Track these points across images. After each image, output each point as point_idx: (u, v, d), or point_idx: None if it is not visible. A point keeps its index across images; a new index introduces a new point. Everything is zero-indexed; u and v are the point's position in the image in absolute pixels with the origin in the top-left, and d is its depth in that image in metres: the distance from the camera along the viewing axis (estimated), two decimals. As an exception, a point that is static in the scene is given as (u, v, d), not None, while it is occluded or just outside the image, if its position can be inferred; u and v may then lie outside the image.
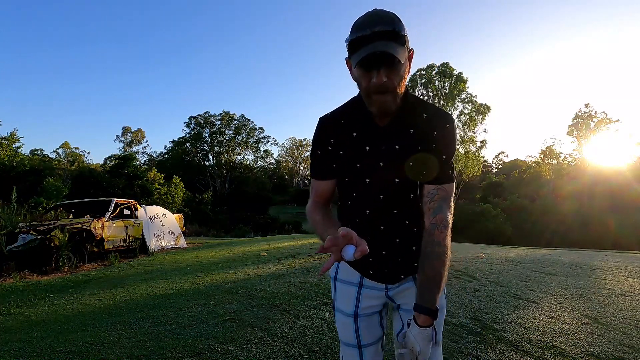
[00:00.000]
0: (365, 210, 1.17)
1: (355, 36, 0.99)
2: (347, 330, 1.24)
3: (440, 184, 1.12)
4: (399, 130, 1.11)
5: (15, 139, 24.87)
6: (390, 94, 1.02)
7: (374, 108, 1.05)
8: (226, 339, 3.00)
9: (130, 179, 26.68)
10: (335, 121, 1.16)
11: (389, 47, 0.95)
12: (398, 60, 0.97)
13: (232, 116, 50.03)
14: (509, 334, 3.05)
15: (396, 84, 1.01)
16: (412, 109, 1.12)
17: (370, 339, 1.24)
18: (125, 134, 53.97)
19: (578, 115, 35.79)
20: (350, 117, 1.15)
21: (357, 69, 1.02)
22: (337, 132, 1.15)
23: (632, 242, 20.74)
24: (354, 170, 1.15)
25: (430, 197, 1.12)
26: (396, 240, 1.18)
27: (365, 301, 1.23)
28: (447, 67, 30.29)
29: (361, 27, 0.99)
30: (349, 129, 1.14)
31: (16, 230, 6.99)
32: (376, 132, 1.12)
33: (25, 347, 2.99)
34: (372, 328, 1.24)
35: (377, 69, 0.98)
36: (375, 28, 0.97)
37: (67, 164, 38.39)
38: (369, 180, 1.15)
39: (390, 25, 0.98)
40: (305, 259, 7.29)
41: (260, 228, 31.24)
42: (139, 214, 9.88)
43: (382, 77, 0.99)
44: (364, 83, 1.02)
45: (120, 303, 4.34)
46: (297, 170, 67.73)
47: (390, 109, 1.05)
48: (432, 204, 1.11)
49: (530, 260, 7.29)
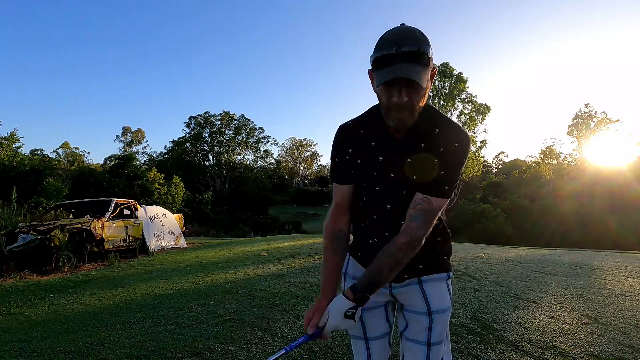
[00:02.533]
0: (373, 216, 1.22)
1: (380, 54, 1.01)
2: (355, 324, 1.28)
3: (429, 196, 1.11)
4: (412, 143, 1.13)
5: (15, 139, 24.86)
6: (408, 112, 1.04)
7: (391, 122, 1.07)
8: (226, 339, 3.00)
9: (130, 179, 26.66)
10: (355, 130, 1.19)
11: (412, 72, 0.97)
12: (419, 84, 0.99)
13: (232, 116, 50.01)
14: (509, 334, 3.05)
15: (415, 103, 1.03)
16: (427, 123, 1.12)
17: (376, 333, 1.29)
18: (125, 134, 54.01)
19: (578, 115, 35.76)
20: (369, 127, 1.17)
21: (378, 83, 1.04)
22: (356, 142, 1.18)
23: (632, 242, 20.74)
24: (370, 178, 1.19)
25: (414, 204, 1.12)
26: None
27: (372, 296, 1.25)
28: (447, 67, 30.27)
29: (387, 44, 1.00)
30: (367, 138, 1.17)
31: (16, 230, 6.98)
32: (392, 144, 1.15)
33: (25, 347, 2.99)
34: (377, 321, 1.29)
35: (399, 88, 1.00)
36: (402, 48, 0.98)
37: (67, 164, 38.40)
38: (378, 189, 1.18)
39: (416, 45, 0.99)
40: (305, 259, 7.29)
41: (260, 228, 31.22)
42: (139, 214, 9.88)
43: (403, 97, 1.01)
44: (385, 99, 1.05)
45: (120, 303, 4.34)
46: (297, 170, 67.77)
47: (406, 125, 1.07)
48: (412, 211, 1.12)
49: (530, 260, 7.29)
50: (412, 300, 1.24)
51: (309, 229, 30.85)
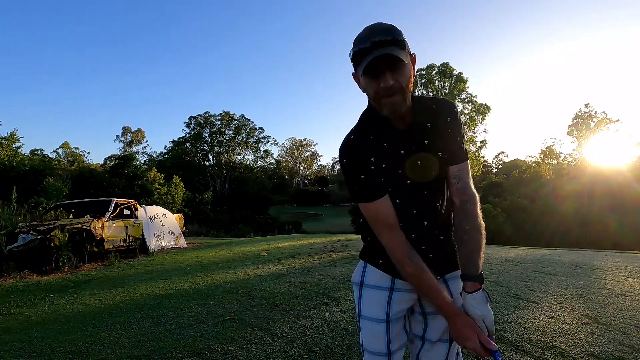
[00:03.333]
0: (412, 211, 1.19)
1: (358, 48, 1.04)
2: (377, 338, 1.22)
3: (461, 163, 1.19)
4: (419, 127, 1.16)
5: (15, 139, 24.83)
6: (399, 94, 1.05)
7: (385, 111, 1.08)
8: (226, 339, 3.00)
9: (130, 179, 26.66)
10: (366, 139, 1.16)
11: (390, 50, 1.00)
12: (401, 61, 1.01)
13: (232, 116, 50.02)
14: (509, 334, 3.05)
15: (404, 85, 1.05)
16: (422, 105, 1.17)
17: (399, 345, 1.24)
18: (125, 134, 54.01)
19: (578, 115, 35.75)
20: (373, 131, 1.17)
21: (364, 78, 1.06)
22: (374, 149, 1.16)
23: (632, 242, 20.71)
24: (396, 177, 1.16)
25: (458, 177, 1.18)
26: (438, 234, 1.21)
27: (397, 305, 1.22)
28: (447, 67, 30.30)
29: (361, 40, 1.04)
30: (379, 141, 1.16)
31: (16, 230, 6.98)
32: (402, 137, 1.16)
33: (25, 347, 2.99)
34: (401, 333, 1.24)
35: (383, 73, 1.02)
36: (375, 38, 1.01)
37: (67, 164, 38.33)
38: (409, 182, 1.17)
39: (389, 35, 1.02)
40: (305, 259, 7.28)
41: (260, 228, 31.24)
42: (139, 214, 9.88)
43: (389, 80, 1.02)
44: (373, 90, 1.06)
45: (120, 303, 4.34)
46: (297, 170, 67.76)
47: (401, 109, 1.08)
48: (459, 184, 1.17)
49: (530, 260, 7.29)
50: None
51: (309, 229, 30.86)
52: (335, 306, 3.88)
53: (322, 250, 8.37)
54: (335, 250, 8.40)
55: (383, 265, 1.23)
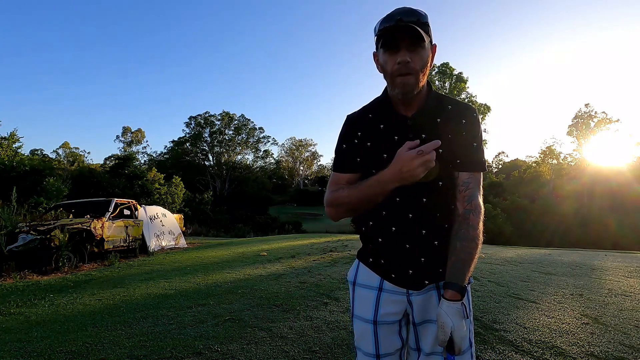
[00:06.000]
0: (395, 199, 1.14)
1: (383, 27, 1.07)
2: (365, 338, 1.20)
3: (473, 172, 1.15)
4: (426, 120, 1.15)
5: (15, 139, 24.81)
6: (413, 76, 1.07)
7: (397, 90, 1.09)
8: (226, 339, 3.00)
9: (130, 179, 26.65)
10: (363, 116, 1.21)
11: (414, 27, 1.03)
12: (421, 39, 1.04)
13: (232, 116, 50.00)
14: (509, 334, 3.05)
15: (419, 68, 1.06)
16: (438, 101, 1.17)
17: (389, 349, 1.19)
18: (125, 134, 53.97)
19: (578, 115, 35.73)
20: (376, 111, 1.20)
21: (383, 54, 1.09)
22: (365, 126, 1.19)
23: (632, 242, 20.71)
24: (381, 161, 1.13)
25: (465, 185, 1.14)
26: (422, 232, 1.14)
27: (385, 307, 1.18)
28: (447, 67, 30.30)
29: (387, 20, 1.07)
30: (376, 122, 1.18)
31: (16, 230, 6.98)
32: (404, 123, 1.15)
33: (25, 347, 2.99)
34: (391, 337, 1.19)
35: (401, 48, 1.05)
36: (399, 17, 1.05)
37: (67, 164, 38.32)
38: None
39: (414, 16, 1.06)
40: (305, 259, 7.29)
41: (260, 228, 31.21)
42: (139, 214, 9.87)
43: (407, 56, 1.04)
44: (390, 66, 1.08)
45: (120, 303, 4.34)
46: (297, 170, 67.72)
47: (412, 90, 1.09)
48: (467, 192, 1.13)
49: (530, 260, 7.29)
50: (430, 309, 1.16)
51: (308, 229, 30.84)
52: (335, 306, 3.88)
53: (322, 250, 8.37)
54: (335, 250, 8.40)
55: (372, 264, 1.22)
